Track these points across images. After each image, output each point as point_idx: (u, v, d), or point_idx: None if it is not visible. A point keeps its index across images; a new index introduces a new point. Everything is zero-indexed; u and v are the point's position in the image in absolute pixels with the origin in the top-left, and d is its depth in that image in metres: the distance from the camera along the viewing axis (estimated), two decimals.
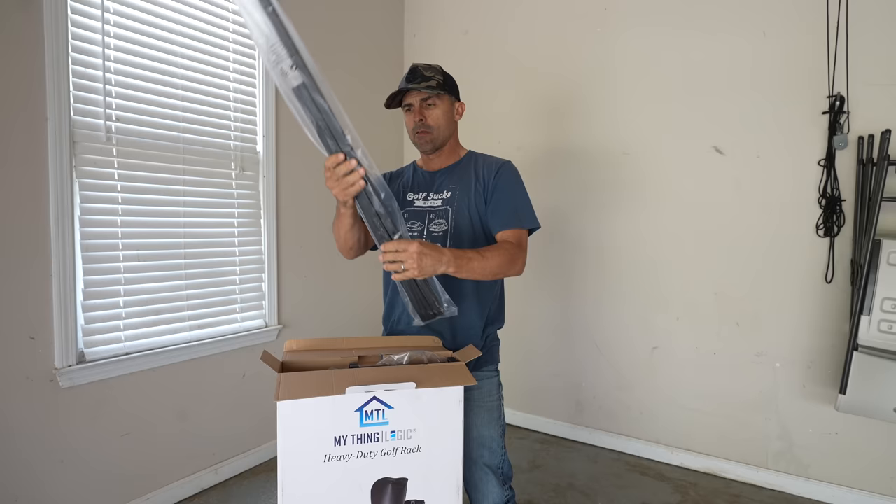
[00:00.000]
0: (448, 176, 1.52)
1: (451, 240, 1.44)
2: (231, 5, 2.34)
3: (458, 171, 1.52)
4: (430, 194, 1.50)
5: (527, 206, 1.49)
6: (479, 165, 1.51)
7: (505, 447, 1.46)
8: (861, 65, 2.16)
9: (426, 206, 1.49)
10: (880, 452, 2.21)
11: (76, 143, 1.86)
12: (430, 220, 1.47)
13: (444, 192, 1.49)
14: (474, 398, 1.42)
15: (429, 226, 1.47)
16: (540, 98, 2.92)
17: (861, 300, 2.01)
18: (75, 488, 1.91)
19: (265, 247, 2.54)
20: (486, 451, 1.41)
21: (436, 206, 1.48)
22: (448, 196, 1.48)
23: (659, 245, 2.64)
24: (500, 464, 1.43)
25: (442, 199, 1.48)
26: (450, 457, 1.07)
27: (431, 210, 1.48)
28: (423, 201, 1.50)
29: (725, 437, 2.53)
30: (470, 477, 1.42)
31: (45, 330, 1.80)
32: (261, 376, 2.52)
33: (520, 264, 1.38)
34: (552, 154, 2.91)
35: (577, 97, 2.81)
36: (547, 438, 2.93)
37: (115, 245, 1.99)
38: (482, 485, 1.41)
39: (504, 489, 1.42)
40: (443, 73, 1.49)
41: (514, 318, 3.02)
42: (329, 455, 1.00)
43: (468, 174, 1.50)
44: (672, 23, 2.53)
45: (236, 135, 2.41)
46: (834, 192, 2.23)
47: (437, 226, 1.46)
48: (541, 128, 2.94)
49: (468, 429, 1.40)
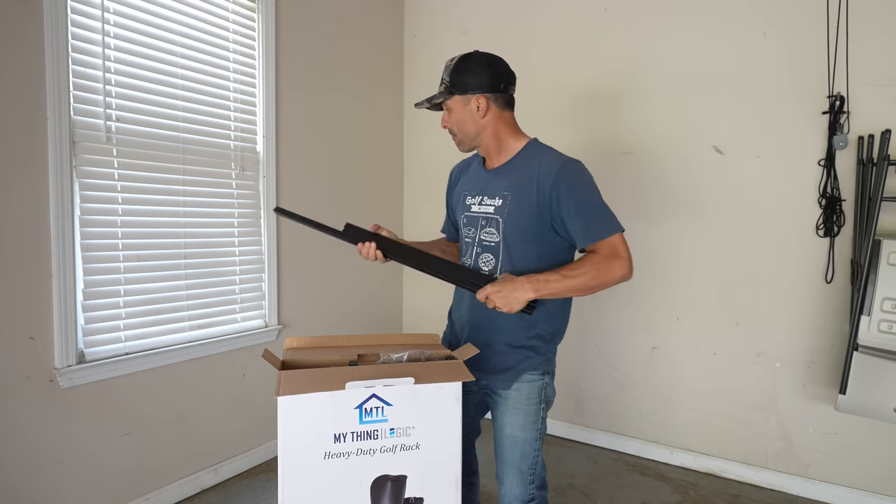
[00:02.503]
0: (502, 177, 1.41)
1: (504, 252, 1.39)
2: (231, 5, 2.34)
3: (514, 171, 1.40)
4: (485, 198, 1.43)
5: (600, 213, 1.34)
6: (539, 165, 1.35)
7: (540, 450, 1.47)
8: (861, 65, 2.16)
9: (479, 213, 1.43)
10: (880, 452, 2.20)
11: (76, 143, 1.86)
12: (482, 228, 1.42)
13: (497, 199, 1.39)
14: (511, 399, 1.43)
15: (480, 233, 1.42)
16: (540, 98, 2.92)
17: (861, 300, 2.01)
18: (75, 488, 1.91)
19: (265, 247, 2.54)
20: (518, 452, 1.44)
21: (488, 213, 1.41)
22: (500, 204, 1.39)
23: (659, 245, 2.64)
24: (533, 465, 1.45)
25: (494, 207, 1.40)
26: (449, 454, 1.08)
27: (483, 217, 1.42)
28: (479, 206, 1.44)
29: (725, 437, 2.53)
30: (499, 473, 1.49)
31: (44, 330, 1.80)
32: (261, 376, 2.52)
33: (618, 273, 1.31)
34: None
35: (576, 97, 2.81)
36: (547, 438, 2.92)
37: (115, 245, 1.99)
38: (507, 481, 1.46)
39: (530, 488, 1.44)
40: (454, 69, 1.37)
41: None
42: (329, 452, 1.01)
43: (525, 176, 1.36)
44: (672, 23, 2.54)
45: (236, 135, 2.41)
46: (834, 192, 2.23)
47: (489, 235, 1.41)
48: (541, 127, 2.92)
49: (501, 427, 1.46)
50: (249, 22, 2.43)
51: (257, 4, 2.44)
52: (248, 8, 2.42)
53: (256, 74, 2.47)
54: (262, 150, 2.51)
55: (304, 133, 2.71)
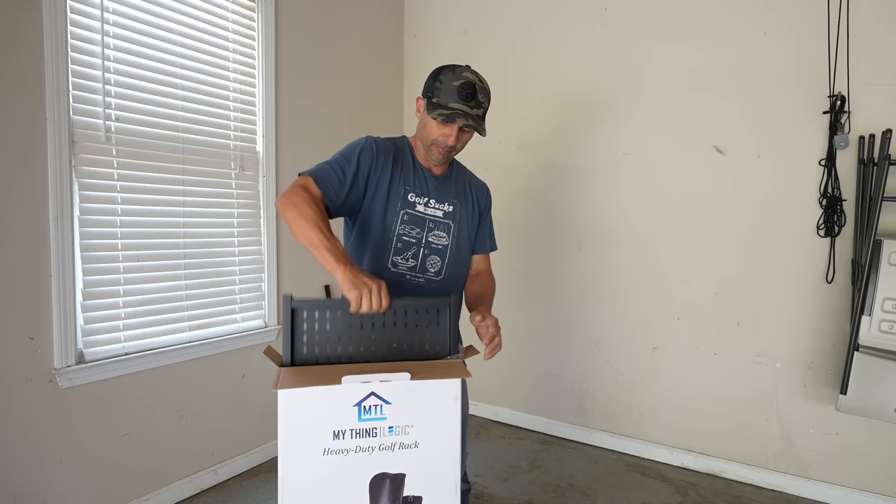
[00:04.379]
0: (450, 185, 1.53)
1: (451, 255, 1.49)
2: (231, 5, 2.35)
3: (456, 184, 1.55)
4: (431, 201, 1.49)
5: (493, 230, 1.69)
6: (471, 186, 1.59)
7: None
8: (862, 64, 2.16)
9: (427, 215, 1.47)
10: (881, 453, 2.20)
11: (76, 143, 1.86)
12: (430, 230, 1.47)
13: (446, 204, 1.50)
14: None
15: (427, 235, 1.46)
16: (540, 98, 2.93)
17: (862, 300, 2.00)
18: (75, 488, 1.90)
19: (265, 247, 2.54)
20: None
21: (437, 216, 1.48)
22: (450, 210, 1.50)
23: (659, 245, 2.64)
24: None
25: (444, 212, 1.49)
26: (448, 453, 1.08)
27: (432, 219, 1.48)
28: (425, 207, 1.48)
29: (726, 437, 2.52)
30: None
31: (44, 330, 1.80)
32: (261, 376, 2.52)
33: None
34: (552, 154, 2.91)
35: (577, 96, 2.81)
36: (547, 439, 2.93)
37: (115, 245, 1.99)
38: None
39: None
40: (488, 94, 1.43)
41: (514, 319, 3.03)
42: (328, 449, 1.02)
43: (465, 192, 1.55)
44: (673, 22, 2.54)
45: (236, 135, 2.41)
46: (835, 191, 2.22)
47: (437, 238, 1.47)
48: (541, 127, 2.95)
49: None
50: (249, 22, 2.43)
51: (257, 4, 2.45)
52: (248, 8, 2.42)
53: (256, 74, 2.47)
54: (261, 150, 2.51)
55: (304, 133, 2.71)
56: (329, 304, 1.19)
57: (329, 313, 1.17)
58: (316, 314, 1.17)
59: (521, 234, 2.98)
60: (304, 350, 1.16)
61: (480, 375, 2.74)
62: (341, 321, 1.17)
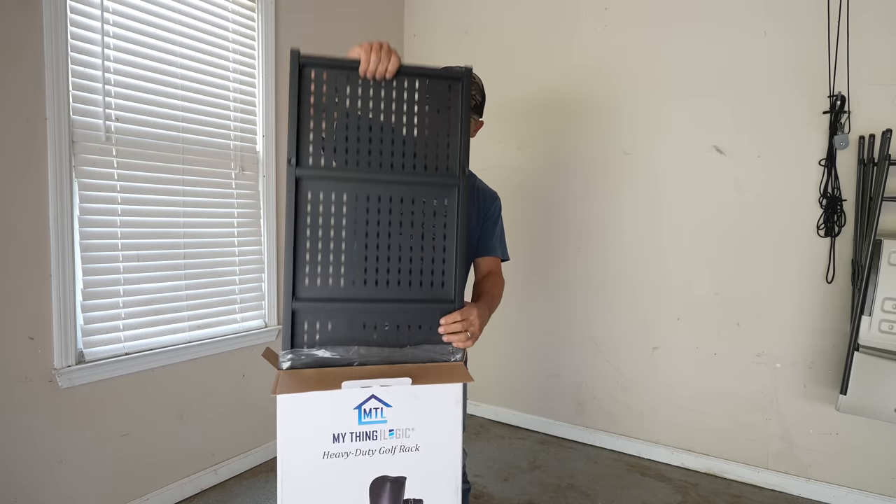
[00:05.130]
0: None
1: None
2: (231, 5, 2.34)
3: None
4: None
5: (504, 240, 1.65)
6: (478, 191, 1.58)
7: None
8: (862, 64, 2.16)
9: None
10: (881, 453, 2.20)
11: (75, 143, 1.86)
12: None
13: None
14: None
15: None
16: (541, 98, 2.92)
17: (862, 300, 2.00)
18: (75, 488, 1.90)
19: (265, 247, 2.53)
20: None
21: None
22: None
23: (659, 245, 2.64)
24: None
25: None
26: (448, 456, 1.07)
27: None
28: None
29: (726, 437, 2.52)
30: None
31: (44, 330, 1.80)
32: (260, 376, 2.52)
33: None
34: (552, 154, 2.91)
35: (577, 96, 2.81)
36: (547, 438, 2.93)
37: (115, 245, 1.99)
38: None
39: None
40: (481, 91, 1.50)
41: (514, 319, 3.03)
42: (328, 452, 1.01)
43: (473, 196, 1.55)
44: (673, 23, 2.53)
45: (236, 135, 2.41)
46: (835, 191, 2.22)
47: None
48: (542, 127, 2.94)
49: None
50: (249, 22, 2.43)
51: (257, 4, 2.44)
52: (248, 8, 2.42)
53: (256, 74, 2.47)
54: (261, 150, 2.50)
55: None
56: (340, 63, 1.12)
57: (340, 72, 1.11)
58: (325, 75, 1.10)
59: (521, 234, 2.98)
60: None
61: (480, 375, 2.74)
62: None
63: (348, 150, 1.13)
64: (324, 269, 1.13)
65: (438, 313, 1.18)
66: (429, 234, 1.18)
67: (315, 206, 1.11)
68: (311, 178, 1.11)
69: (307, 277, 1.12)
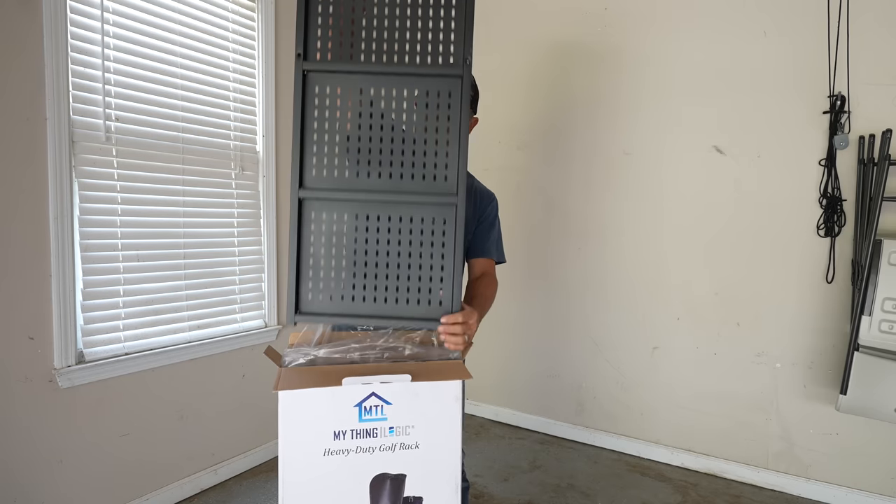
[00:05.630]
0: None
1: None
2: (231, 5, 2.34)
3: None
4: None
5: (501, 242, 1.63)
6: (474, 191, 1.57)
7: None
8: (862, 64, 2.16)
9: None
10: (881, 453, 2.20)
11: (75, 143, 1.86)
12: None
13: None
14: None
15: None
16: (541, 97, 2.93)
17: (862, 300, 2.00)
18: (75, 488, 1.90)
19: (265, 247, 2.54)
20: None
21: None
22: None
23: (659, 245, 2.64)
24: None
25: None
26: (448, 453, 1.08)
27: None
28: None
29: (726, 437, 2.52)
30: None
31: (44, 330, 1.80)
32: (261, 376, 2.52)
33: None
34: (553, 153, 2.91)
35: (578, 96, 2.81)
36: (547, 438, 2.93)
37: (115, 245, 1.99)
38: None
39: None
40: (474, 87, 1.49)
41: (514, 319, 3.04)
42: (328, 449, 1.02)
43: (469, 196, 1.54)
44: (673, 23, 2.54)
45: (236, 135, 2.41)
46: (835, 191, 2.22)
47: None
48: (542, 127, 2.94)
49: None
50: (249, 22, 2.43)
51: (257, 4, 2.44)
52: (248, 8, 2.42)
53: (256, 74, 2.47)
54: (261, 150, 2.51)
55: None
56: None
57: None
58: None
59: (521, 234, 2.98)
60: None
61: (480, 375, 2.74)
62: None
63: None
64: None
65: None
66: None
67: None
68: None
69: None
